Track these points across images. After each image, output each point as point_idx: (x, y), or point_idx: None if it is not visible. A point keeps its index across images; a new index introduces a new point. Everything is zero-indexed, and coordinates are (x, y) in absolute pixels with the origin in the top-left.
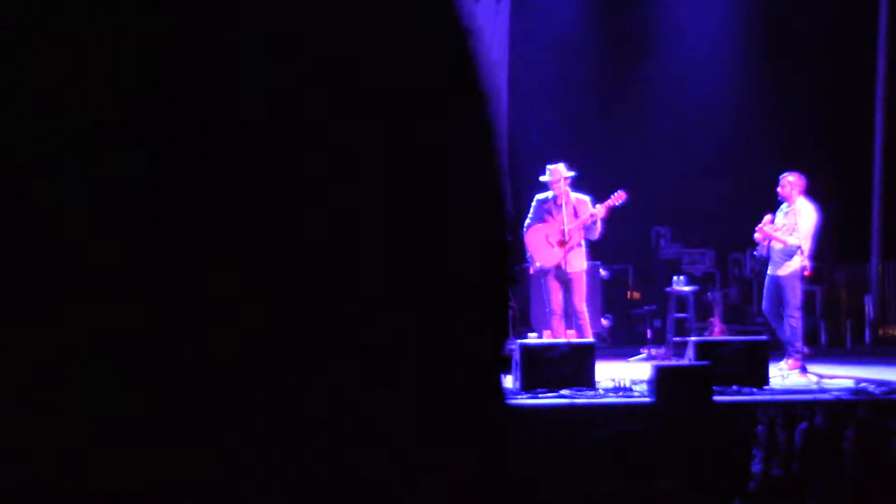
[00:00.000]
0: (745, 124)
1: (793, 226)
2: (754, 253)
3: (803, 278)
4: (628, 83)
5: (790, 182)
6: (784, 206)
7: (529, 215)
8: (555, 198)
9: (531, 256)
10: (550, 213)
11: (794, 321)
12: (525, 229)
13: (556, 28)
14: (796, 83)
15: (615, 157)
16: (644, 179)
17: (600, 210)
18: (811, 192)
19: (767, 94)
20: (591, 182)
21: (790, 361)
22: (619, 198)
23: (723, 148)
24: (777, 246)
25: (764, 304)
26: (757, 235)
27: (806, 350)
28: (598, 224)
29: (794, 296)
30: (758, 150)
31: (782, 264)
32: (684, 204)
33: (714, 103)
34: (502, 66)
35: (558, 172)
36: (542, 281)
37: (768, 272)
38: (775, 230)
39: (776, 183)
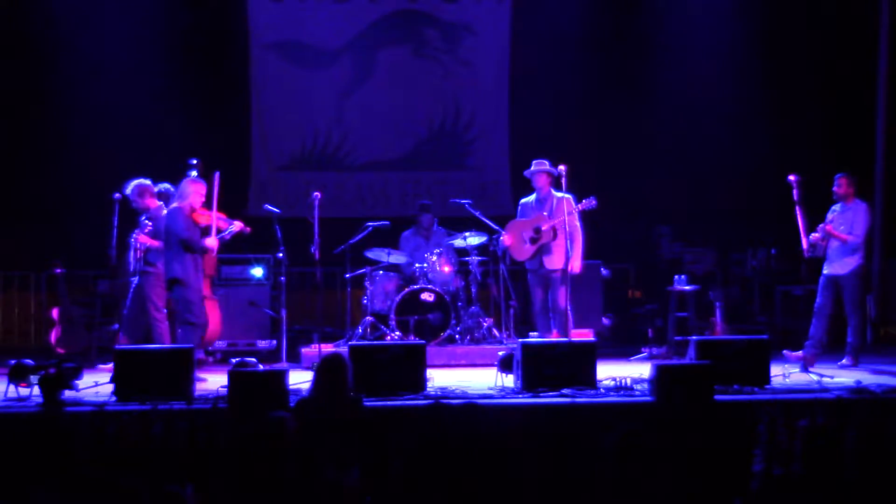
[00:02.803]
0: (746, 123)
1: (851, 224)
2: (806, 254)
3: (864, 275)
4: (629, 82)
5: (846, 182)
6: (836, 206)
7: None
8: (537, 197)
9: (509, 251)
10: (532, 211)
11: (854, 319)
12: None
13: (557, 28)
14: (797, 82)
15: (616, 157)
16: (645, 178)
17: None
18: (813, 190)
19: (769, 94)
20: (592, 181)
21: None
22: (587, 203)
23: (724, 147)
24: (834, 245)
25: (817, 300)
26: (814, 235)
27: (812, 353)
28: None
29: (856, 293)
30: (759, 150)
31: (842, 262)
32: (685, 203)
33: (715, 102)
34: (503, 65)
35: (539, 169)
36: (532, 283)
37: (824, 272)
38: (833, 229)
39: (778, 183)
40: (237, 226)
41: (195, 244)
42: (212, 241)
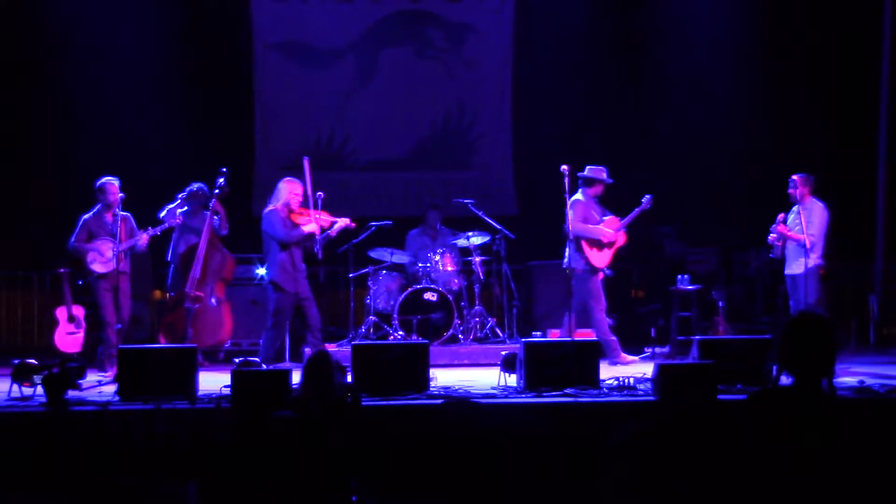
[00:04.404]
0: (749, 123)
1: (805, 224)
2: (770, 255)
3: (819, 275)
4: (632, 82)
5: (800, 182)
6: (795, 206)
7: (572, 215)
8: (593, 200)
9: (589, 259)
10: (596, 212)
11: None
12: (575, 227)
13: (560, 27)
14: (800, 83)
15: (619, 157)
16: (647, 179)
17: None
18: (817, 191)
19: (771, 94)
20: None
21: None
22: (647, 203)
23: (727, 147)
24: (791, 245)
25: (791, 303)
26: (771, 236)
27: None
28: None
29: (812, 293)
30: (762, 150)
31: (797, 262)
32: (688, 203)
33: (718, 102)
34: (506, 65)
35: (607, 179)
36: (592, 280)
37: (786, 272)
38: (788, 230)
39: (781, 182)
40: (342, 222)
41: (297, 236)
42: (311, 227)
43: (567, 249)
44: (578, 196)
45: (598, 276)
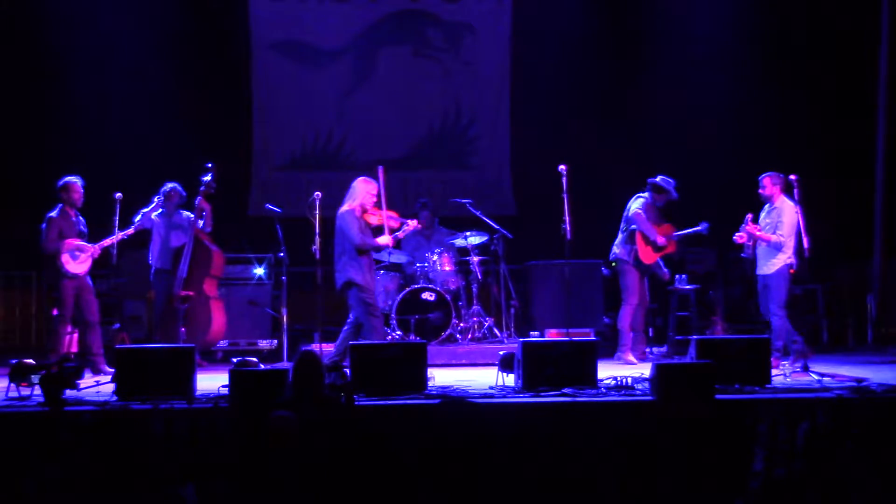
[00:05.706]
0: (747, 122)
1: (775, 224)
2: (742, 255)
3: (789, 276)
4: (630, 82)
5: (769, 182)
6: (766, 206)
7: (637, 204)
8: (655, 207)
9: (637, 252)
10: (654, 216)
11: (777, 319)
12: (638, 217)
13: (557, 27)
14: (798, 81)
15: (616, 156)
16: (646, 177)
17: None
18: (814, 190)
19: (770, 93)
20: (591, 181)
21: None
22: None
23: (725, 146)
24: (761, 245)
25: (760, 304)
26: (740, 235)
27: (803, 348)
28: None
29: (779, 294)
30: (760, 149)
31: (767, 263)
32: (686, 202)
33: (716, 101)
34: (504, 65)
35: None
36: (633, 272)
37: (757, 272)
38: (758, 230)
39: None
40: (412, 224)
41: (370, 246)
42: (385, 239)
43: (617, 242)
44: (645, 196)
45: (639, 272)
